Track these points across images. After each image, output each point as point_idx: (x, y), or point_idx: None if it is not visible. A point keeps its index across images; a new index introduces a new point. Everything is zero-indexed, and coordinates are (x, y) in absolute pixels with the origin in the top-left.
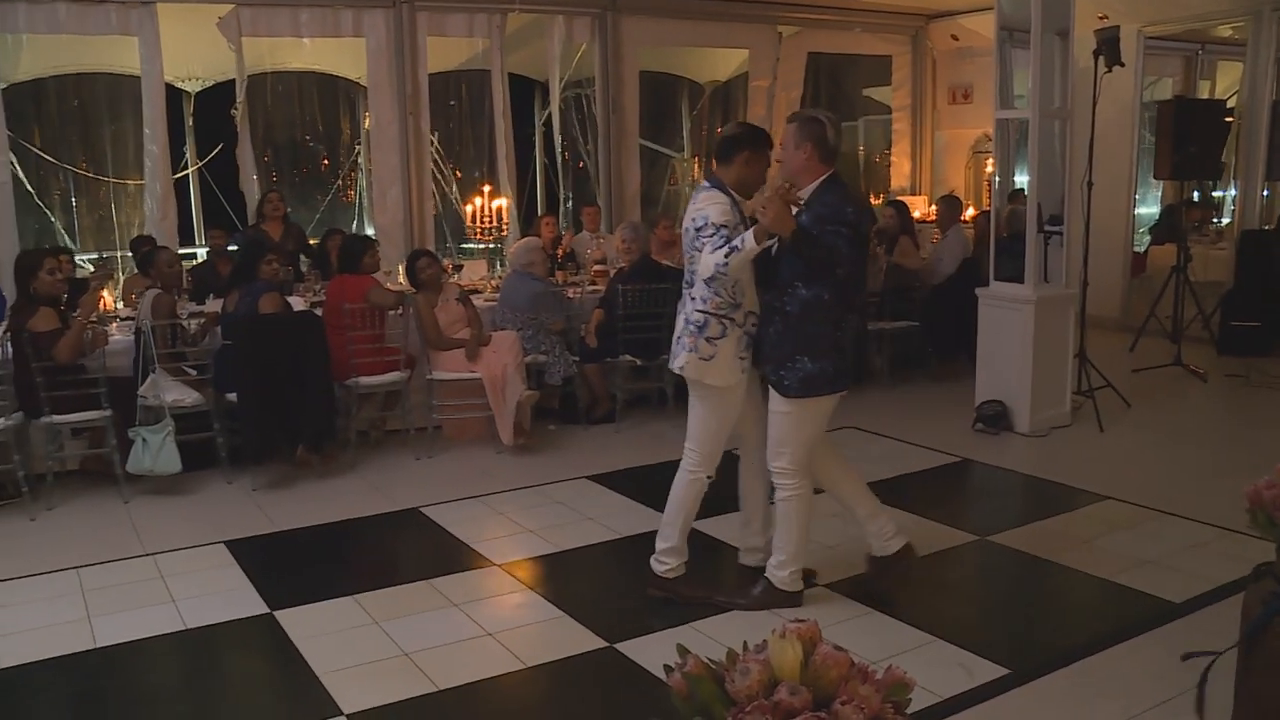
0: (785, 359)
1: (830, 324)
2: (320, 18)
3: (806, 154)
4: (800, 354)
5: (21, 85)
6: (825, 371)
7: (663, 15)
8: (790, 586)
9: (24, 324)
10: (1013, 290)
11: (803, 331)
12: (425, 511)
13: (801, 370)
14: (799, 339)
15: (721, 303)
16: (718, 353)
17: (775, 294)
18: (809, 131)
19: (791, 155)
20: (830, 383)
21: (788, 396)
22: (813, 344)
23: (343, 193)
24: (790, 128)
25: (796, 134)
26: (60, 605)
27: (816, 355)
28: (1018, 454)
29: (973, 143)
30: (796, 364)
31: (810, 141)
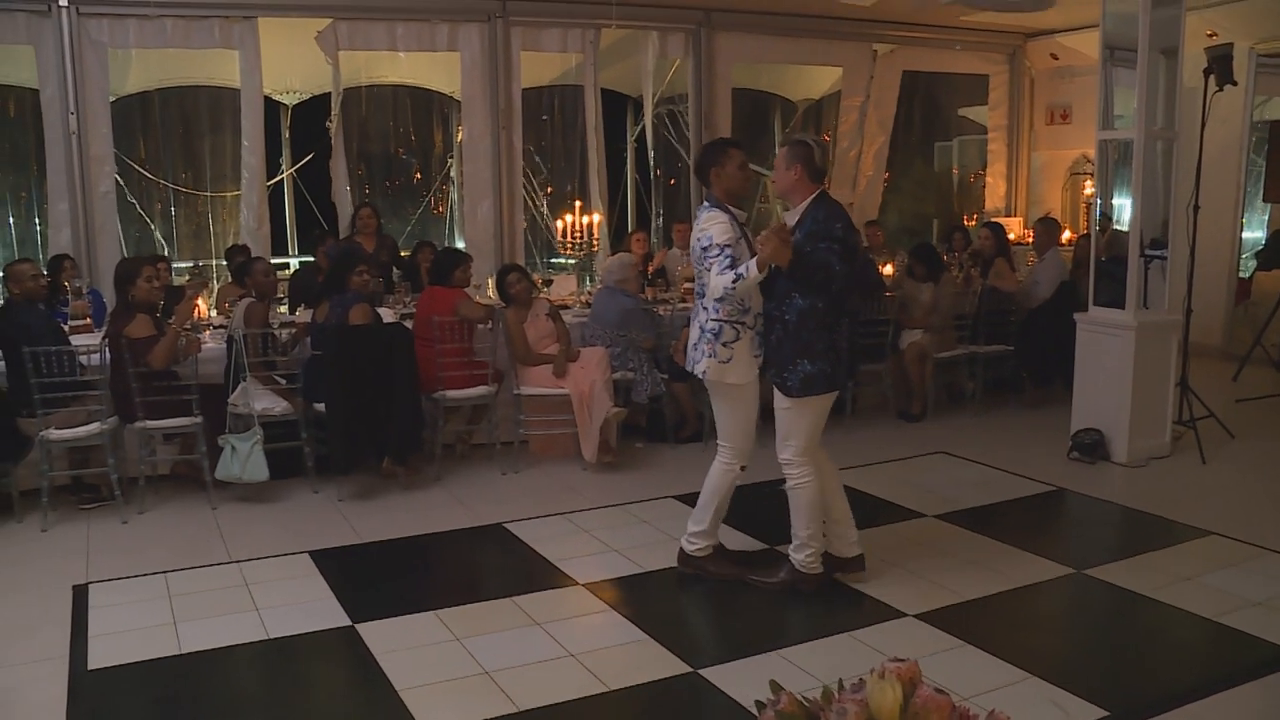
0: (787, 363)
1: (825, 329)
2: (416, 32)
3: (796, 174)
4: (800, 358)
5: (128, 98)
6: (823, 372)
7: (757, 31)
8: (811, 569)
9: (121, 330)
10: (1113, 316)
11: (800, 338)
12: (509, 527)
13: (802, 372)
14: (798, 344)
15: (732, 310)
16: (734, 355)
17: (775, 304)
18: (797, 154)
19: (783, 175)
20: (827, 382)
21: (791, 396)
22: (810, 348)
23: (434, 206)
24: (781, 151)
25: (787, 156)
26: (148, 609)
27: (814, 358)
28: (1115, 484)
29: (1070, 164)
30: (797, 367)
31: (799, 163)
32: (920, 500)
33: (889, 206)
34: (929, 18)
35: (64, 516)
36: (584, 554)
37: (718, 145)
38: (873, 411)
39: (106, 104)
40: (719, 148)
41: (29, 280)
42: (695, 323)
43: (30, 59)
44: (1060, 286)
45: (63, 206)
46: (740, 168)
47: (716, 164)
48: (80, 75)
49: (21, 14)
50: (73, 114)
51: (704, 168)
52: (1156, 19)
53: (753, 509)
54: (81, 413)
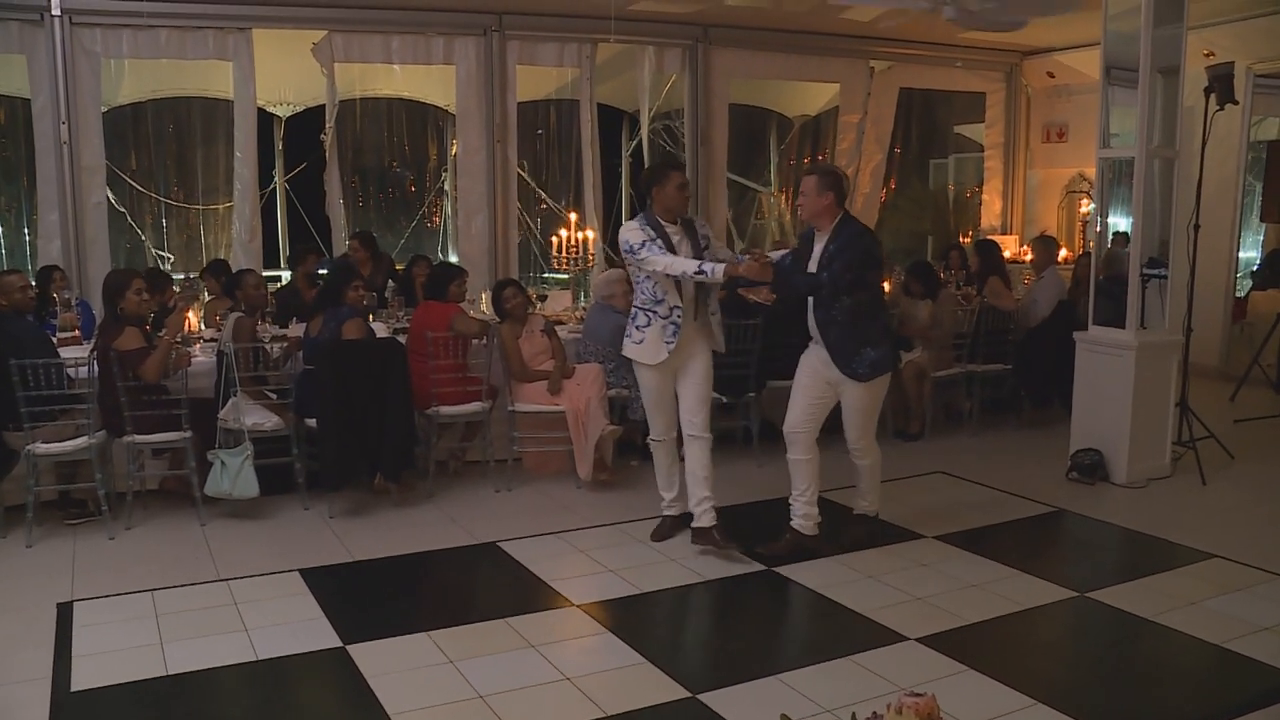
0: (852, 354)
1: (875, 319)
2: (412, 45)
3: (829, 201)
4: (863, 346)
5: (120, 108)
6: (885, 355)
7: (754, 48)
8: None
9: (110, 343)
10: (1113, 335)
11: (857, 330)
12: (503, 546)
13: (868, 359)
14: (857, 336)
15: (646, 299)
16: (645, 338)
17: (824, 310)
18: (830, 183)
19: (815, 201)
20: (890, 363)
21: (862, 381)
22: (869, 336)
23: (427, 219)
24: (813, 179)
25: (819, 185)
26: (134, 628)
27: (875, 344)
28: (1115, 506)
29: (1067, 182)
30: (863, 354)
31: (831, 191)
32: (919, 521)
33: (885, 224)
34: (926, 35)
35: (50, 532)
36: (579, 574)
37: (660, 167)
38: None
39: (99, 114)
40: (661, 170)
41: (17, 292)
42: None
43: (22, 68)
44: (1059, 305)
45: (53, 217)
46: (679, 188)
47: (658, 183)
48: (73, 85)
49: (14, 22)
50: (64, 124)
51: (646, 187)
52: (1157, 38)
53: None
54: (69, 426)
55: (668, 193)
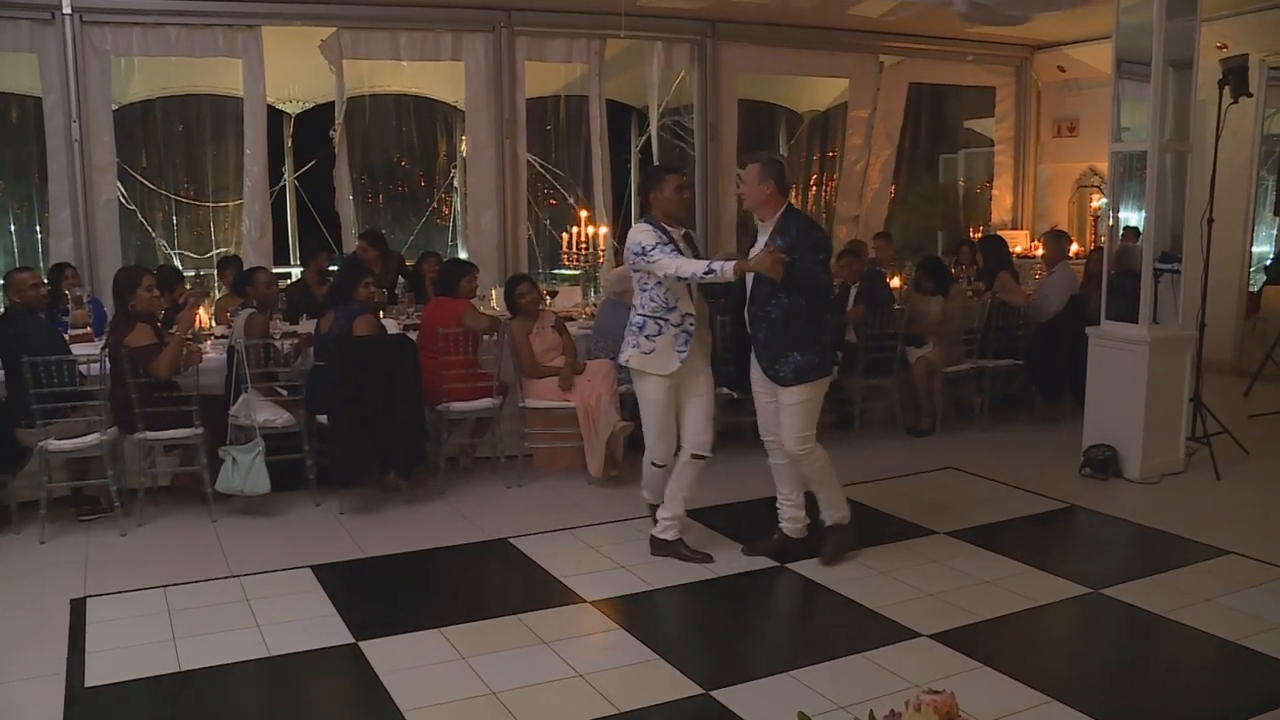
0: (777, 356)
1: (810, 324)
2: (420, 41)
3: (770, 189)
4: (790, 350)
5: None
6: (812, 362)
7: (763, 43)
8: (847, 519)
9: (121, 340)
10: (1126, 330)
11: (788, 332)
12: (514, 542)
13: (793, 363)
14: (786, 339)
15: (656, 306)
16: (656, 347)
17: (759, 306)
18: (770, 171)
19: (756, 190)
20: (817, 370)
21: (785, 385)
22: (798, 341)
23: (437, 215)
24: (754, 167)
25: (760, 173)
26: (147, 624)
27: (803, 349)
28: (1128, 502)
29: (1078, 177)
30: (789, 358)
31: (772, 179)
32: (930, 517)
33: (895, 219)
34: (936, 29)
35: (62, 528)
36: (591, 570)
37: (657, 171)
38: (880, 426)
39: (109, 112)
40: (657, 174)
41: (29, 289)
42: (630, 321)
43: (33, 67)
44: (1070, 300)
45: (64, 215)
46: (676, 190)
47: (655, 188)
48: (83, 83)
49: (25, 21)
50: (75, 122)
51: (644, 191)
52: (1170, 30)
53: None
54: (81, 423)
55: (666, 195)
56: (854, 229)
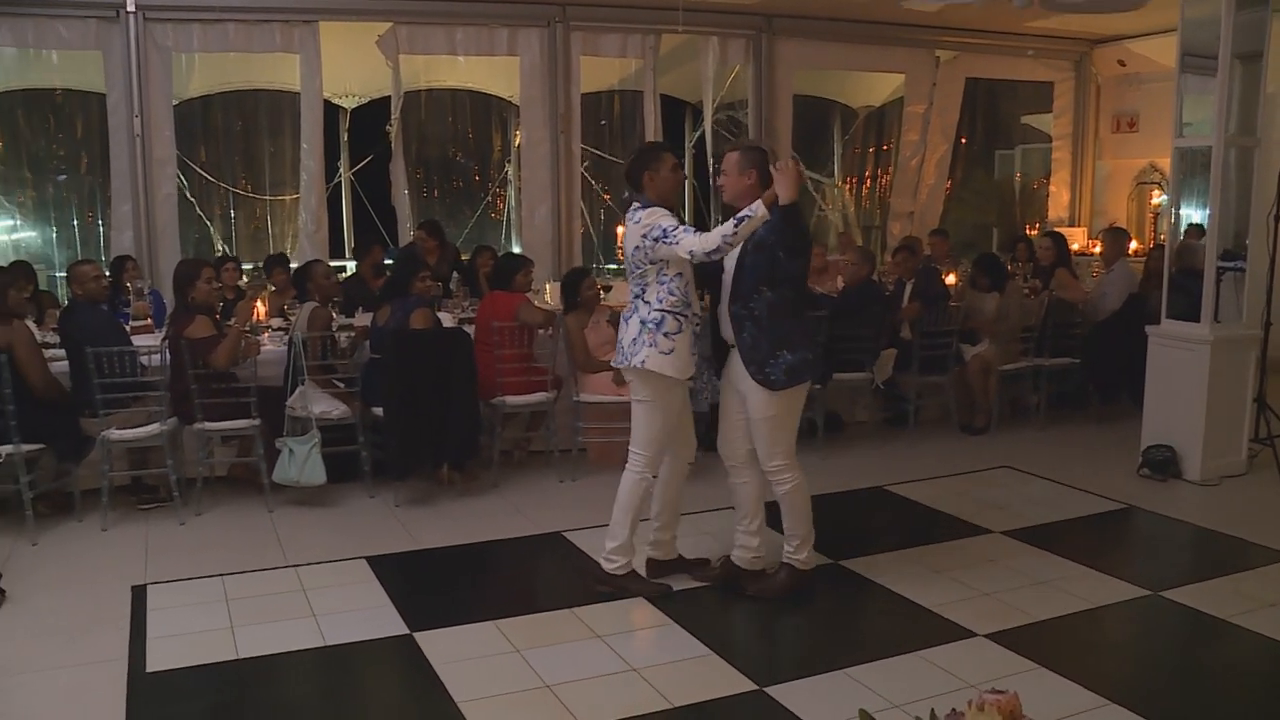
0: (767, 357)
1: (798, 318)
2: (476, 36)
3: (751, 180)
4: (780, 349)
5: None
6: (804, 360)
7: (819, 38)
8: (809, 566)
9: (181, 331)
10: (1187, 329)
11: (777, 330)
12: (568, 536)
13: (784, 363)
14: (775, 337)
15: (676, 301)
16: (675, 346)
17: (741, 302)
18: (752, 159)
19: (736, 180)
20: (810, 369)
21: (776, 389)
22: (788, 338)
23: (491, 209)
24: (734, 155)
25: (741, 161)
26: (206, 612)
27: (794, 347)
28: (1188, 504)
29: (1137, 173)
30: (779, 358)
31: (754, 168)
32: (985, 516)
33: (949, 215)
34: (993, 24)
35: (123, 517)
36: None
37: (653, 148)
38: (934, 424)
39: (170, 107)
40: (654, 151)
41: (91, 281)
42: (633, 318)
43: (95, 63)
44: (1129, 299)
45: (125, 208)
46: (673, 170)
47: (651, 167)
48: (145, 79)
49: (92, 20)
50: (137, 117)
51: (638, 171)
52: (1239, 22)
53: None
54: (141, 413)
55: (663, 176)
56: (908, 225)
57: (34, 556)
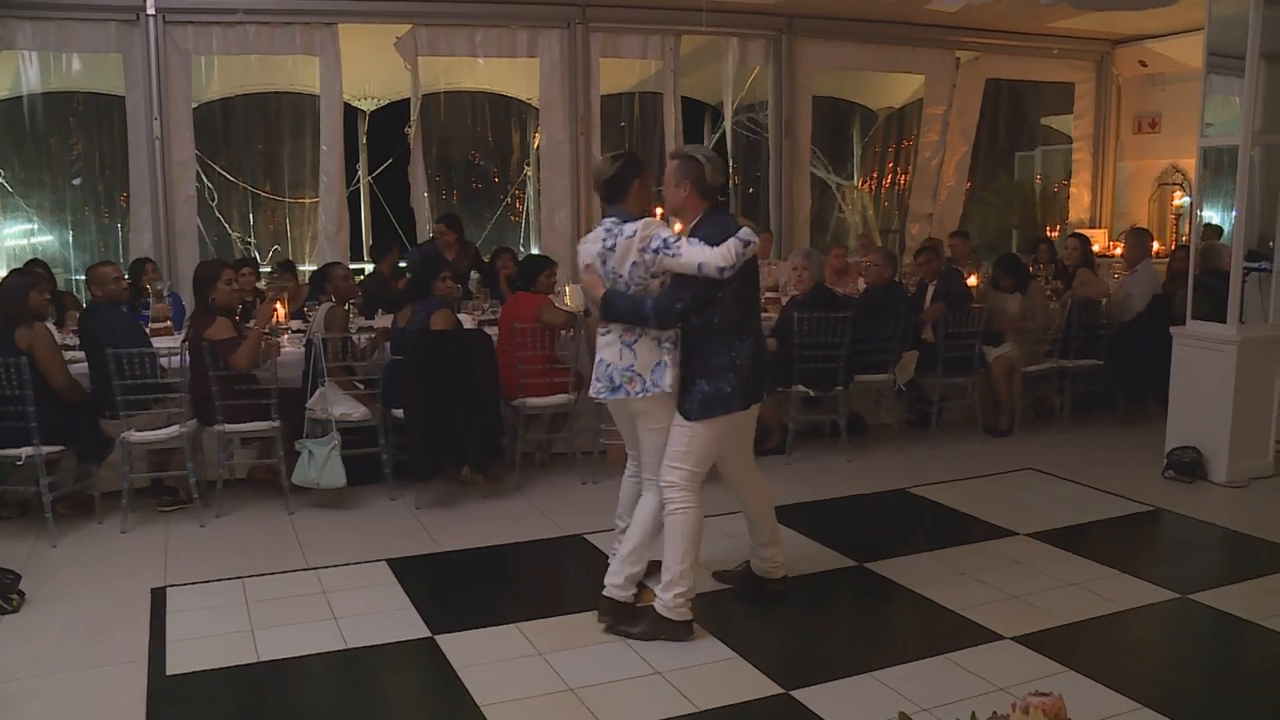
0: (685, 384)
1: (723, 348)
2: (496, 38)
3: (686, 191)
4: (697, 378)
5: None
6: (722, 392)
7: (839, 38)
8: (677, 615)
9: (201, 333)
10: (1213, 330)
11: (698, 357)
12: (590, 539)
13: (699, 393)
14: (694, 364)
15: None
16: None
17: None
18: (687, 170)
19: (673, 192)
20: (726, 404)
21: (689, 419)
22: (707, 366)
23: (510, 211)
24: (671, 165)
25: (676, 173)
26: (226, 614)
27: (712, 377)
28: (1216, 505)
29: (1159, 174)
30: (695, 387)
31: (688, 180)
32: (1010, 518)
33: (970, 218)
34: (1014, 24)
35: (143, 519)
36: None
37: (635, 156)
38: (957, 426)
39: (189, 110)
40: (637, 159)
41: (111, 283)
42: (643, 341)
43: (114, 66)
44: (1153, 299)
45: (144, 211)
46: (649, 181)
47: (639, 174)
48: (165, 81)
49: (112, 23)
50: (156, 119)
51: (627, 178)
52: (1269, 18)
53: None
54: (162, 415)
55: (646, 184)
56: (928, 227)
57: (54, 558)
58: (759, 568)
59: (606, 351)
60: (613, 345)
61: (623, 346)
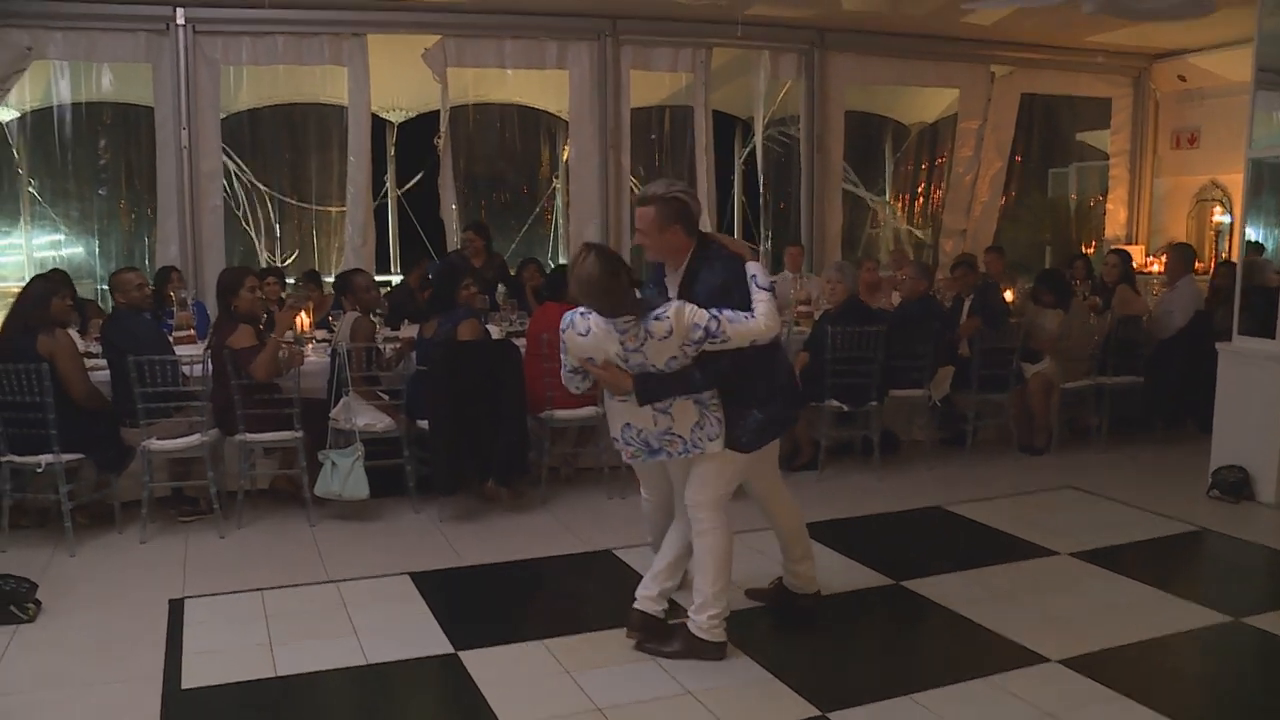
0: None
1: (764, 371)
2: (525, 50)
3: (677, 235)
4: (747, 407)
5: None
6: (775, 415)
7: (872, 53)
8: (714, 635)
9: (224, 341)
10: (1262, 346)
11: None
12: (618, 554)
13: (755, 422)
14: (741, 394)
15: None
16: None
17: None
18: (672, 212)
19: (658, 240)
20: (782, 424)
21: (746, 451)
22: (754, 395)
23: (540, 224)
24: (648, 211)
25: (660, 218)
26: (244, 628)
27: (763, 404)
28: (1264, 526)
29: (1197, 191)
30: (748, 418)
31: (676, 222)
32: (1050, 537)
33: (1004, 234)
34: (1050, 38)
35: (163, 529)
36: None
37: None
38: (992, 445)
39: (217, 120)
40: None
41: (135, 290)
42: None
43: (143, 76)
44: (1194, 316)
45: (172, 221)
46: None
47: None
48: (194, 91)
49: (142, 33)
50: (185, 129)
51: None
52: None
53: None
54: (183, 424)
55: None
56: (961, 242)
57: (72, 568)
58: (791, 583)
59: (635, 416)
60: (644, 411)
61: (657, 413)
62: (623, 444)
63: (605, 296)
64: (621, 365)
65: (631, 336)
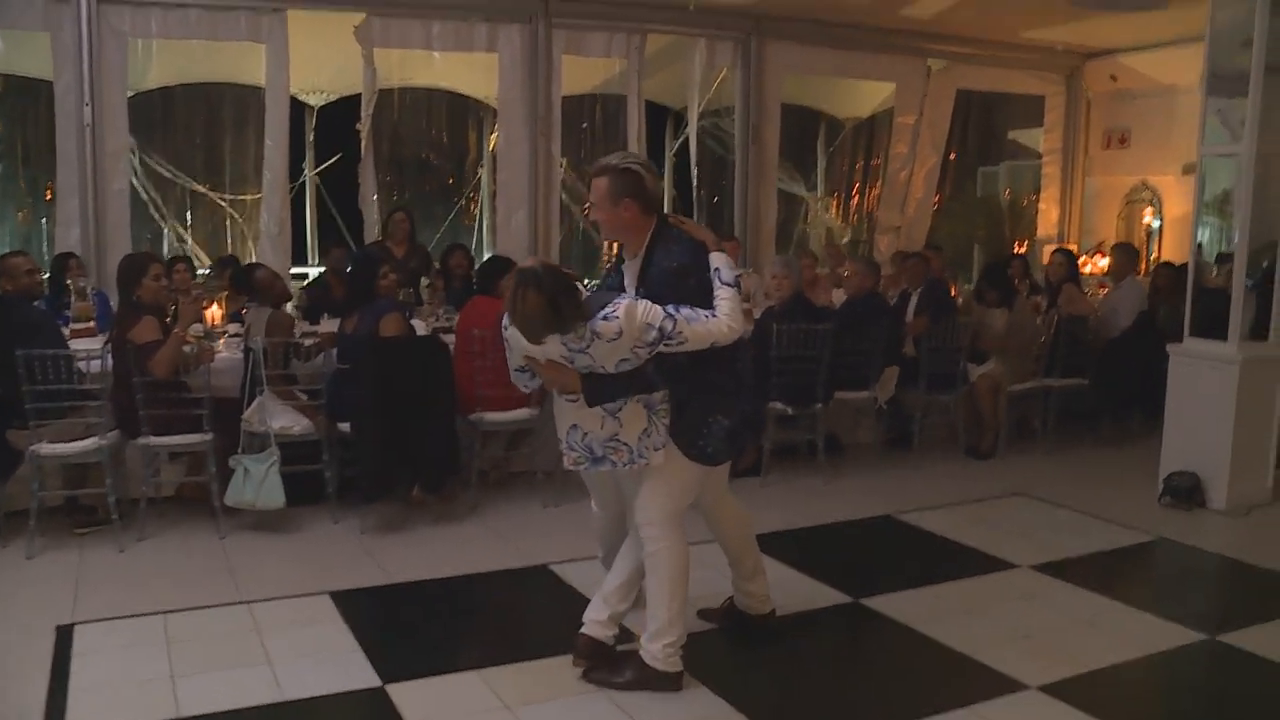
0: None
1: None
2: (454, 31)
3: (631, 211)
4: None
5: (148, 93)
6: (746, 422)
7: (809, 42)
8: (667, 665)
9: (126, 333)
10: (1213, 348)
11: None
12: (555, 569)
13: (721, 430)
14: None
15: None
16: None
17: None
18: (625, 185)
19: (611, 214)
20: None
21: (714, 463)
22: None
23: (464, 214)
24: (601, 183)
25: (612, 191)
26: (142, 656)
27: (728, 411)
28: (1219, 534)
29: (1128, 191)
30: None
31: (629, 196)
32: (1008, 548)
33: (937, 231)
34: (987, 33)
35: (54, 542)
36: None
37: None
38: (937, 445)
39: (124, 97)
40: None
41: (24, 275)
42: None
43: (45, 47)
44: (1139, 316)
45: (73, 203)
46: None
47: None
48: (98, 65)
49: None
50: (88, 105)
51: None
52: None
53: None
54: (79, 425)
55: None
56: (896, 239)
57: None
58: (744, 604)
59: (583, 419)
60: (593, 413)
61: (606, 415)
62: (566, 448)
63: (555, 324)
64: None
65: (576, 337)
